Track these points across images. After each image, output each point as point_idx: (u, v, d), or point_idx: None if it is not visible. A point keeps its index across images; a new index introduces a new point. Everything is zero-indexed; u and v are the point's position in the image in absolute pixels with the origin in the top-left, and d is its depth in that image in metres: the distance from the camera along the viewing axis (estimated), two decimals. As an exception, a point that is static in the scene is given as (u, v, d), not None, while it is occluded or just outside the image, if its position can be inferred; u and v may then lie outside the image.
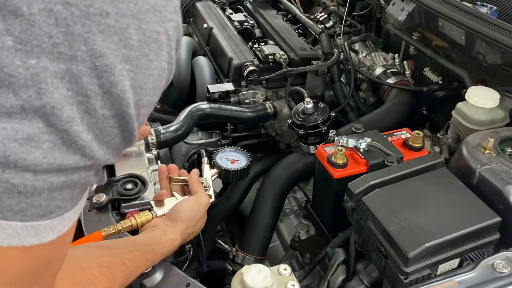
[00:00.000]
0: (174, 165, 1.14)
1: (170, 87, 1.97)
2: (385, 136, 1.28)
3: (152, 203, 1.06)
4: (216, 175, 1.24)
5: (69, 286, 0.68)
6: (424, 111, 1.75)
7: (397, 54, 1.91)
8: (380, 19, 2.10)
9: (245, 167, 1.26)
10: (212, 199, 1.13)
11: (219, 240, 1.49)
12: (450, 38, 1.48)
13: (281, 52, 1.80)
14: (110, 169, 1.24)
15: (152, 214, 1.01)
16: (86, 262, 0.78)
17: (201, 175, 1.21)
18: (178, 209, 1.03)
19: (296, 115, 1.50)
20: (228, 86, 1.76)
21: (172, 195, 1.10)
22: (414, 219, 0.95)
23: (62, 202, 0.46)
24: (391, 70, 1.82)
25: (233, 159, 1.29)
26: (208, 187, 1.15)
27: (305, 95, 1.69)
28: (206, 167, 1.23)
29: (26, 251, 0.46)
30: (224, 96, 1.73)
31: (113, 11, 0.41)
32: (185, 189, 1.11)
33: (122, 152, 0.51)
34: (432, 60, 1.70)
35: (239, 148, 1.33)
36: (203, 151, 1.31)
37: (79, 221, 1.12)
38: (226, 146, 1.35)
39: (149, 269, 0.92)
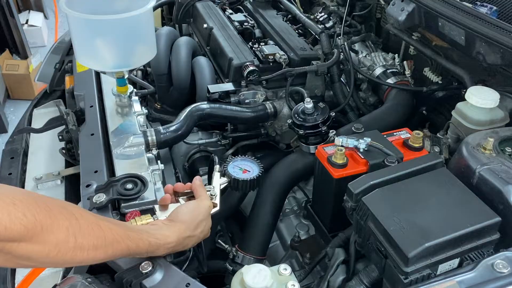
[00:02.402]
0: (180, 183, 1.15)
1: (170, 87, 1.97)
2: (385, 136, 1.28)
3: (156, 207, 1.06)
4: (226, 184, 1.24)
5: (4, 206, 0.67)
6: (424, 111, 1.75)
7: (397, 54, 1.91)
8: (380, 19, 2.10)
9: (255, 177, 1.26)
10: (217, 208, 1.13)
11: (219, 240, 1.50)
12: (450, 38, 1.48)
13: (281, 52, 1.80)
14: (110, 169, 1.24)
15: (154, 219, 1.02)
16: (48, 200, 0.76)
17: (210, 182, 1.21)
18: (177, 211, 1.03)
19: (296, 115, 1.50)
20: (228, 86, 1.76)
21: (177, 201, 1.10)
22: (414, 219, 0.95)
23: None
24: (391, 70, 1.82)
25: (245, 168, 1.28)
26: (214, 195, 1.15)
27: (305, 95, 1.69)
28: (216, 175, 1.23)
29: None
30: (224, 96, 1.73)
31: None
32: (191, 200, 1.12)
33: None
34: (432, 60, 1.70)
35: (253, 158, 1.33)
36: (216, 158, 1.30)
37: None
38: (240, 155, 1.34)
39: (149, 268, 0.92)
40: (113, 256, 0.85)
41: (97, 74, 1.67)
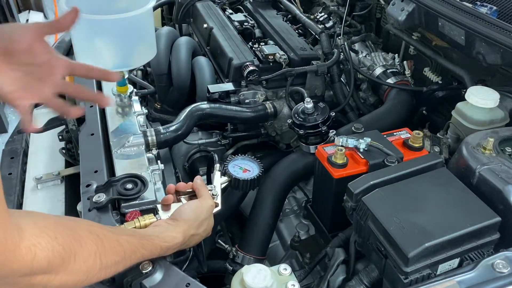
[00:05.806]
0: (182, 183, 1.15)
1: (170, 87, 1.97)
2: (385, 136, 1.28)
3: (159, 207, 1.06)
4: (226, 183, 1.24)
5: (38, 234, 0.68)
6: (424, 111, 1.75)
7: (397, 54, 1.91)
8: (380, 19, 2.10)
9: (255, 177, 1.25)
10: (219, 208, 1.13)
11: (219, 240, 1.49)
12: (450, 38, 1.48)
13: (281, 52, 1.80)
14: (110, 169, 1.24)
15: (157, 218, 1.02)
16: (76, 225, 0.78)
17: (211, 182, 1.21)
18: (180, 210, 1.03)
19: (296, 115, 1.50)
20: (228, 86, 1.76)
21: (179, 201, 1.10)
22: (414, 219, 0.95)
23: None
24: (391, 70, 1.82)
25: (245, 168, 1.28)
26: (216, 195, 1.15)
27: (305, 95, 1.69)
28: (217, 174, 1.22)
29: None
30: (224, 96, 1.73)
31: None
32: (193, 199, 1.12)
33: None
34: (432, 60, 1.70)
35: (253, 157, 1.33)
36: (216, 156, 1.30)
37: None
38: (239, 154, 1.34)
39: (149, 268, 0.92)
40: (129, 266, 0.87)
41: (97, 74, 1.66)
